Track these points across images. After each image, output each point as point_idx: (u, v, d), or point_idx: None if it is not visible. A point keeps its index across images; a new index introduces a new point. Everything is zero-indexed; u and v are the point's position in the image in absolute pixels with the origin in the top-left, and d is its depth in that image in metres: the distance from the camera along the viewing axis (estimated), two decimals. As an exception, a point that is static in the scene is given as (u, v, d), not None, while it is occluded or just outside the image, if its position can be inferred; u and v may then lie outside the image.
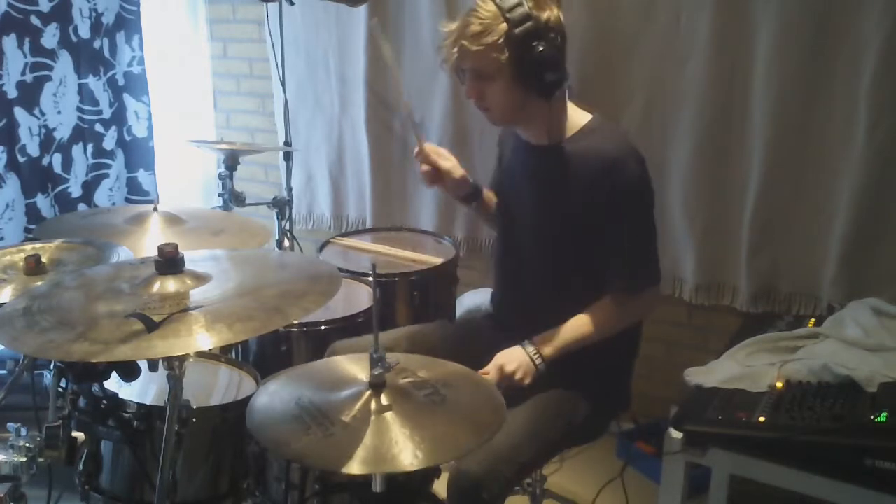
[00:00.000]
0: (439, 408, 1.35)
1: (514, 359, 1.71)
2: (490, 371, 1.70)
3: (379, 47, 1.81)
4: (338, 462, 1.23)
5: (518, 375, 1.70)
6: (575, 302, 1.77)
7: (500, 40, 1.65)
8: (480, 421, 1.35)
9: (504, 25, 1.64)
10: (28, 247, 1.80)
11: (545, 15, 1.66)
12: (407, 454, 1.23)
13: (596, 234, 1.74)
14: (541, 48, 1.64)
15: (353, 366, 1.50)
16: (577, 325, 1.75)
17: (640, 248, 1.76)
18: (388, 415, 1.31)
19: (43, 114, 2.83)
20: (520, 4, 1.65)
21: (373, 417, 1.31)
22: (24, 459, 1.43)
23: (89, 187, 3.08)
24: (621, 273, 1.75)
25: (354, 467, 1.21)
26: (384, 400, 1.34)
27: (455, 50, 1.71)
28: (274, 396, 1.43)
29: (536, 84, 1.68)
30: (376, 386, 1.35)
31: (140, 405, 1.61)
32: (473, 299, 2.73)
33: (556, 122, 1.77)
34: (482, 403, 1.40)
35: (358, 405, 1.33)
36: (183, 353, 1.30)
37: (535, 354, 1.72)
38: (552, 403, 1.74)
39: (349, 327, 2.11)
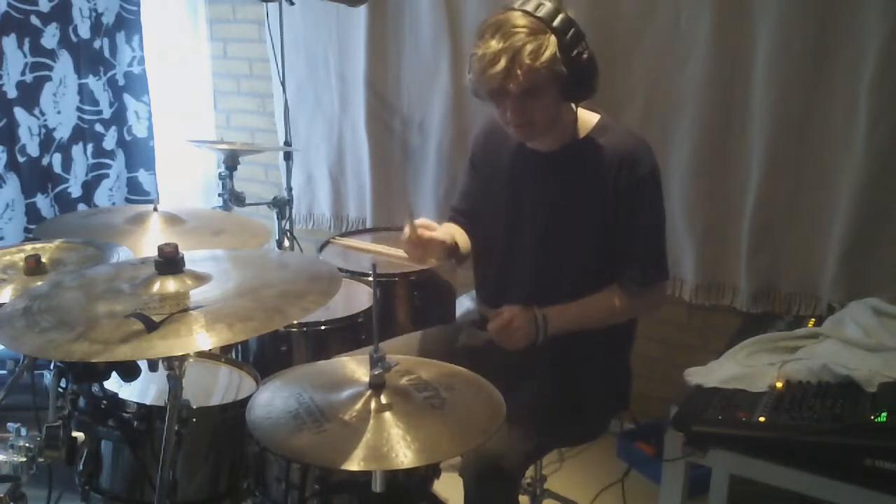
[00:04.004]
0: (437, 410, 1.36)
1: (522, 319, 1.69)
2: (496, 316, 1.69)
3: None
4: (334, 459, 1.24)
5: (518, 334, 1.68)
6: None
7: (557, 53, 1.58)
8: (475, 426, 1.35)
9: (554, 38, 1.57)
10: (28, 247, 1.80)
11: (571, 15, 1.61)
12: (398, 453, 1.23)
13: (612, 231, 1.73)
14: (586, 51, 1.60)
15: (354, 367, 1.50)
16: (587, 306, 1.74)
17: (654, 241, 1.77)
18: (387, 414, 1.32)
19: (43, 114, 2.83)
20: (557, 11, 1.58)
21: (371, 417, 1.31)
22: (24, 459, 1.43)
23: (89, 187, 3.08)
24: (635, 266, 1.74)
25: (350, 464, 1.22)
26: (384, 399, 1.34)
27: (518, 73, 1.56)
28: (274, 395, 1.43)
29: (587, 89, 1.65)
30: (376, 386, 1.36)
31: (140, 405, 1.60)
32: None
33: (572, 124, 1.76)
34: (480, 409, 1.40)
35: (358, 405, 1.34)
36: (183, 353, 1.30)
37: (541, 322, 1.70)
38: (556, 403, 1.74)
39: (349, 327, 2.11)
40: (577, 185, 1.75)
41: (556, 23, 1.58)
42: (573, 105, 1.72)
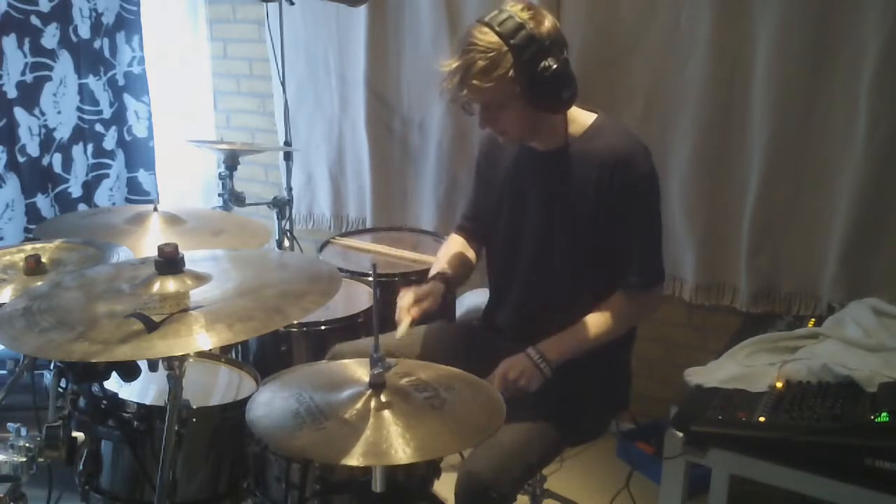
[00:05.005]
0: (437, 410, 1.36)
1: (517, 366, 1.69)
2: (494, 379, 1.68)
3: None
4: (333, 455, 1.25)
5: (522, 382, 1.67)
6: (584, 304, 1.76)
7: (510, 72, 1.58)
8: (474, 425, 1.35)
9: (510, 55, 1.58)
10: (28, 247, 1.80)
11: (545, 28, 1.60)
12: (397, 450, 1.24)
13: (607, 232, 1.73)
14: (553, 66, 1.59)
15: (354, 367, 1.50)
16: (584, 328, 1.73)
17: (651, 243, 1.76)
18: (386, 413, 1.32)
19: (43, 114, 2.83)
20: (521, 27, 1.58)
21: (371, 415, 1.31)
22: (24, 459, 1.43)
23: (89, 187, 3.08)
24: (634, 269, 1.74)
25: (349, 460, 1.23)
26: (384, 399, 1.34)
27: (464, 92, 1.63)
28: (274, 395, 1.43)
29: (553, 103, 1.65)
30: (376, 386, 1.36)
31: (140, 405, 1.61)
32: (473, 299, 2.73)
33: (566, 125, 1.76)
34: (480, 409, 1.40)
35: (358, 404, 1.34)
36: (183, 353, 1.30)
37: (539, 360, 1.69)
38: (555, 404, 1.74)
39: (349, 327, 2.11)
40: (570, 186, 1.75)
41: (515, 39, 1.58)
42: (559, 113, 1.71)
